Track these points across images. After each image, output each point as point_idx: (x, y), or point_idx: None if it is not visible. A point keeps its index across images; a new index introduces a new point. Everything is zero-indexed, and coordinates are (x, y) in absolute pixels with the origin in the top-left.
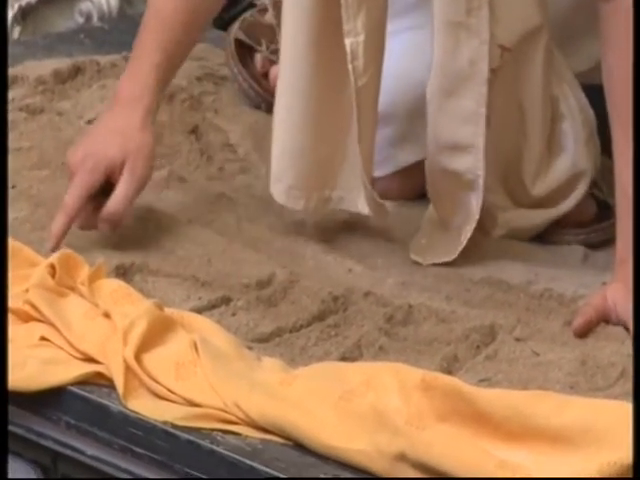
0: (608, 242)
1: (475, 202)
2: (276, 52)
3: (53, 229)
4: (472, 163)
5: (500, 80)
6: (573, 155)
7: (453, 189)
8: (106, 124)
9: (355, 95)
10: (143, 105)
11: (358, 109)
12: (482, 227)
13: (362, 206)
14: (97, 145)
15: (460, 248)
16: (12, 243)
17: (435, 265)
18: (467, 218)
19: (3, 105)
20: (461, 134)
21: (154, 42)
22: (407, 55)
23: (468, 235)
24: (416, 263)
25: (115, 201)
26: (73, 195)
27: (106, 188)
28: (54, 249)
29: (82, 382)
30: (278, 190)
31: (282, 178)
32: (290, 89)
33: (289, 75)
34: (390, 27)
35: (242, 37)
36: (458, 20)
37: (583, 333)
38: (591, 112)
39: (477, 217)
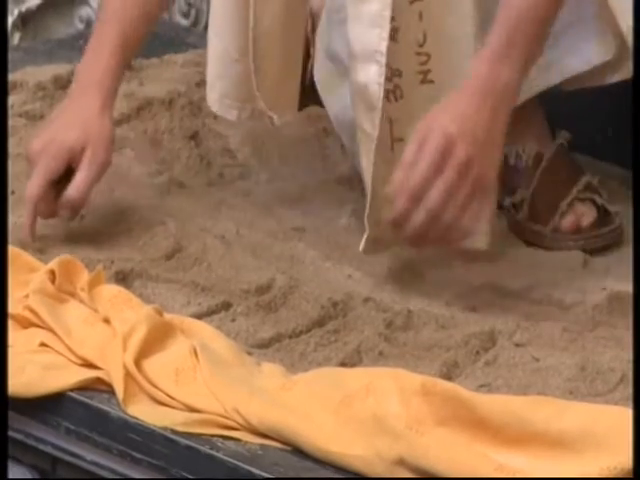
0: (608, 248)
1: (372, 121)
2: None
3: (25, 220)
4: (376, 71)
5: None
6: None
7: (364, 105)
8: (65, 112)
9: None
10: (102, 89)
11: None
12: None
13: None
14: (57, 133)
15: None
16: (11, 249)
17: (435, 271)
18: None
19: (3, 111)
20: (367, 39)
21: (112, 29)
22: None
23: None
24: (416, 269)
25: (75, 187)
26: (35, 184)
27: (66, 175)
28: (30, 236)
29: (82, 388)
30: (212, 98)
31: (215, 85)
32: None
33: None
34: None
35: None
36: None
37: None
38: None
39: (375, 135)
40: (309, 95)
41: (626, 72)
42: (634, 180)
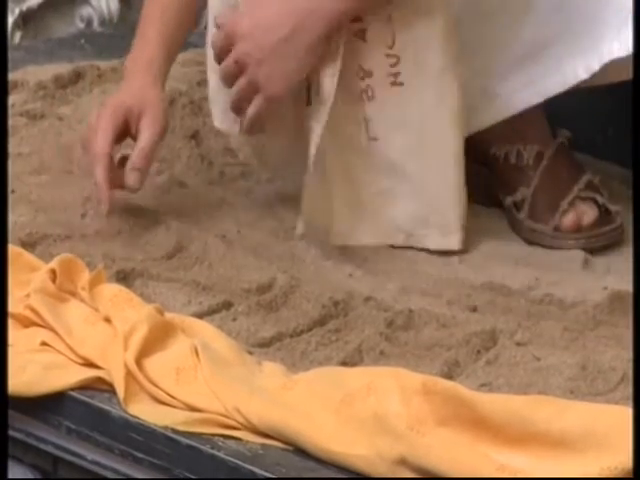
0: (609, 247)
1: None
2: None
3: (98, 180)
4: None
5: None
6: None
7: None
8: (116, 91)
9: None
10: (151, 73)
11: None
12: None
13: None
14: (112, 100)
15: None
16: (12, 248)
17: (436, 270)
18: None
19: (3, 111)
20: None
21: (157, 21)
22: None
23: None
24: (416, 267)
25: (141, 147)
26: (100, 142)
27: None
28: (107, 198)
29: (83, 387)
30: (215, 112)
31: (217, 99)
32: None
33: None
34: None
35: None
36: None
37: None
38: None
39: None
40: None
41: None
42: (634, 179)
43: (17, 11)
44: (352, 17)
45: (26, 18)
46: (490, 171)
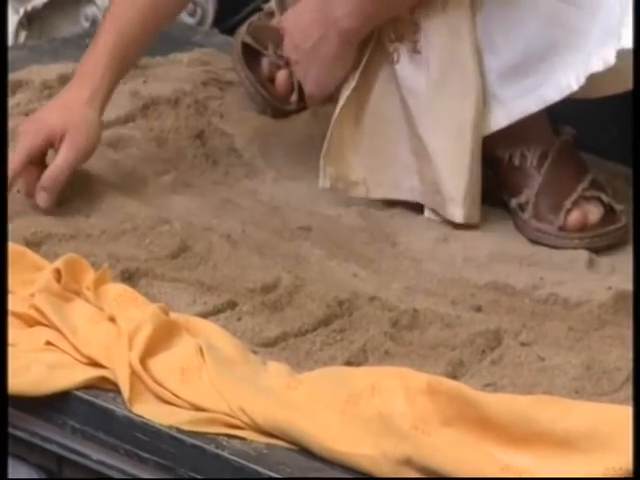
0: (613, 247)
1: None
2: (282, 57)
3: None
4: None
5: None
6: None
7: None
8: (53, 101)
9: None
10: (92, 83)
11: None
12: None
13: None
14: (41, 115)
15: None
16: (16, 248)
17: (440, 270)
18: None
19: (3, 111)
20: None
21: (111, 25)
22: None
23: None
24: (421, 267)
25: (52, 169)
26: (15, 159)
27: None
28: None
29: (87, 386)
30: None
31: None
32: None
33: None
34: None
35: (249, 41)
36: None
37: None
38: None
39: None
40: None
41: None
42: (634, 179)
43: (22, 11)
44: (365, 34)
45: (31, 18)
46: (494, 172)
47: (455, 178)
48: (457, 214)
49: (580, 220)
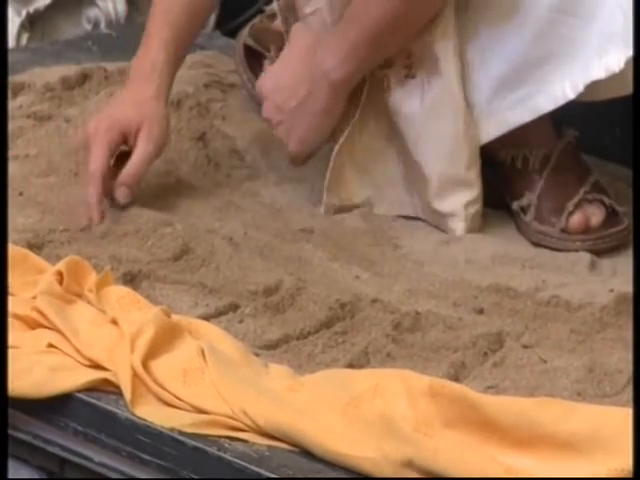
0: (615, 249)
1: None
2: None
3: (90, 201)
4: None
5: None
6: None
7: None
8: (118, 98)
9: None
10: (154, 80)
11: None
12: None
13: None
14: (112, 112)
15: None
16: (18, 250)
17: (442, 272)
18: None
19: (3, 111)
20: None
21: (163, 21)
22: None
23: None
24: (423, 270)
25: (133, 162)
26: (95, 160)
27: (121, 160)
28: (100, 219)
29: (89, 389)
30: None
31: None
32: None
33: None
34: None
35: (251, 43)
36: None
37: None
38: None
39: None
40: None
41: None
42: (634, 173)
43: (24, 13)
44: (357, 81)
45: (33, 20)
46: (497, 175)
47: (454, 196)
48: (459, 228)
49: (582, 222)
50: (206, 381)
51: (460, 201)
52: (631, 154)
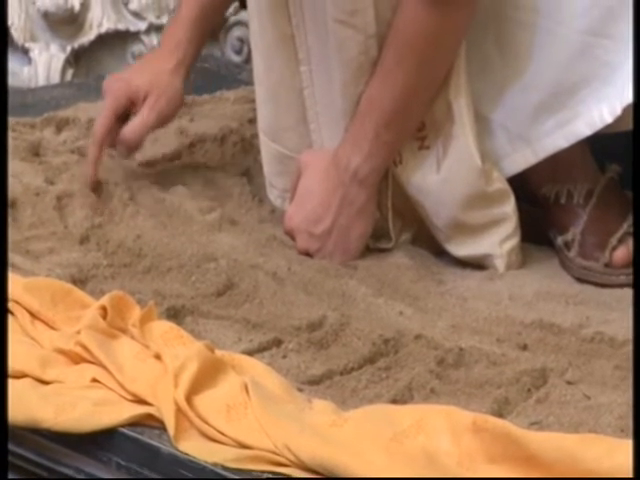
0: None
1: None
2: None
3: (89, 159)
4: None
5: None
6: None
7: None
8: (141, 62)
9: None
10: (177, 56)
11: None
12: None
13: None
14: (129, 74)
15: None
16: (62, 285)
17: (486, 307)
18: None
19: (3, 111)
20: None
21: (189, 5)
22: None
23: None
24: (467, 305)
25: (128, 128)
26: (99, 121)
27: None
28: (92, 177)
29: (133, 423)
30: (274, 195)
31: (275, 182)
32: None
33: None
34: None
35: None
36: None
37: None
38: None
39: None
40: None
41: None
42: (634, 173)
43: (69, 49)
44: (384, 170)
45: (77, 55)
46: (540, 210)
47: (487, 236)
48: (499, 265)
49: (626, 256)
50: (249, 416)
51: (493, 240)
52: None
